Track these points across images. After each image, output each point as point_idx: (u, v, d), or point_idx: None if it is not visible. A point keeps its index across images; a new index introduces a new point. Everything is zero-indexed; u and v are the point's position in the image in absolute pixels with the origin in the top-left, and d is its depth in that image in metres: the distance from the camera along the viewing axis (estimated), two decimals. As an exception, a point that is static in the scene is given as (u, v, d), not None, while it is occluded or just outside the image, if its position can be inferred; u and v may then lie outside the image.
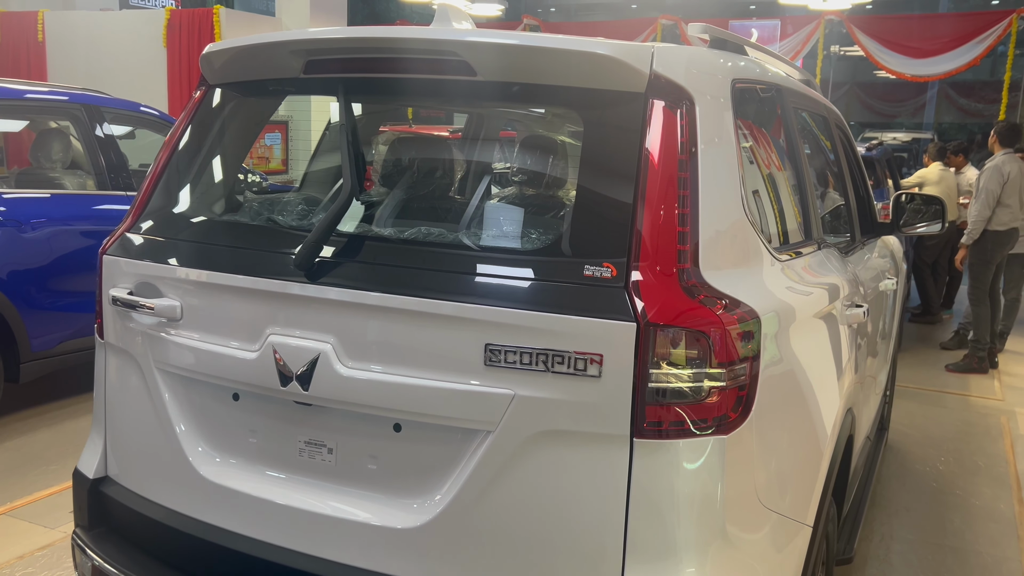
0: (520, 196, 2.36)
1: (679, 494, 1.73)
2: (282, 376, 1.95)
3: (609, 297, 1.71)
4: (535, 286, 1.78)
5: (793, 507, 2.03)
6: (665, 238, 1.76)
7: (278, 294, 1.97)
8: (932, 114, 24.66)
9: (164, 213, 2.34)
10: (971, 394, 6.49)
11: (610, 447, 1.72)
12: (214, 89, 2.40)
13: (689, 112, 1.86)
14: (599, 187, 1.85)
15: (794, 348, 2.06)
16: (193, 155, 2.38)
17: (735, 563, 1.81)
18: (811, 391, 2.18)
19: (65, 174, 5.45)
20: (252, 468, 2.09)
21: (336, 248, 1.96)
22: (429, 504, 1.86)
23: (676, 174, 1.80)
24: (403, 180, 2.50)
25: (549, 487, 1.76)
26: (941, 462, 4.99)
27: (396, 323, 1.85)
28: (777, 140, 2.67)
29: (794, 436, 2.09)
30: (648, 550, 1.73)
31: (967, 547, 3.91)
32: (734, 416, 1.76)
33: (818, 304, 2.32)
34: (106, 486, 2.35)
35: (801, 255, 2.42)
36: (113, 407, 2.35)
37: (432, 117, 12.81)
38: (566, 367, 1.72)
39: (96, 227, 5.12)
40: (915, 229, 4.10)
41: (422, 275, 1.87)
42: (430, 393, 1.82)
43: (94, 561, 2.23)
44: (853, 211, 3.50)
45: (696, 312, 1.72)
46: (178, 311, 2.12)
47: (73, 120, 5.48)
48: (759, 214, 2.15)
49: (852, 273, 2.91)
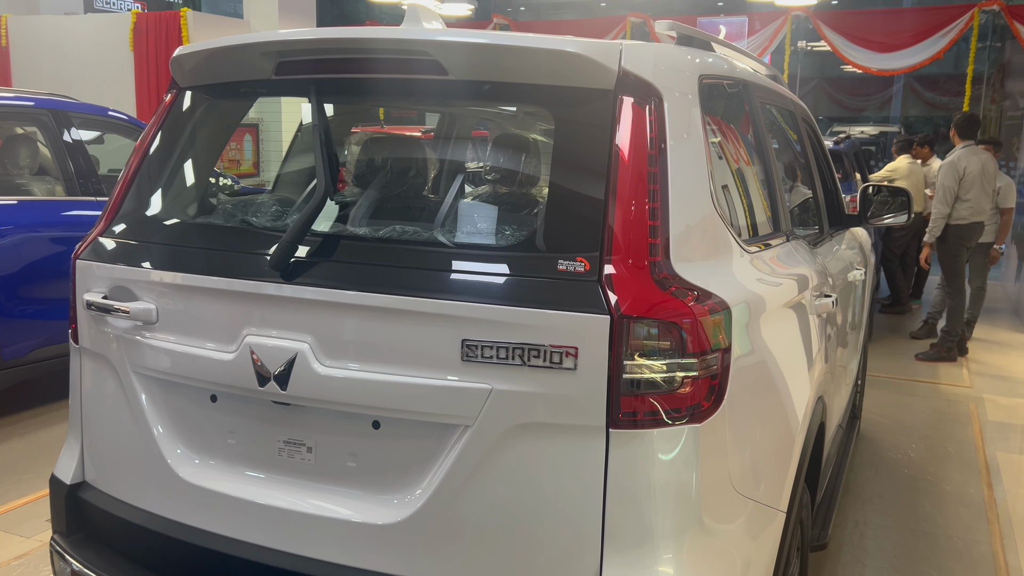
0: (494, 194, 2.38)
1: (655, 483, 1.76)
2: (260, 376, 1.96)
3: (583, 291, 1.74)
4: (510, 282, 1.81)
5: (767, 494, 2.07)
6: (636, 232, 1.79)
7: (254, 295, 1.97)
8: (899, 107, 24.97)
9: (137, 216, 2.33)
10: (941, 382, 6.61)
11: (586, 438, 1.75)
12: (185, 92, 2.40)
13: (658, 108, 1.89)
14: (571, 183, 1.88)
15: (764, 338, 2.10)
16: (165, 158, 2.38)
17: (711, 550, 1.84)
18: (782, 379, 2.22)
19: (33, 180, 5.39)
20: (231, 469, 2.10)
21: (311, 248, 1.98)
22: (409, 499, 1.88)
23: (646, 169, 1.83)
24: (377, 180, 2.52)
25: (528, 479, 1.79)
26: (912, 449, 5.08)
27: (373, 321, 1.87)
28: (745, 135, 2.71)
29: (766, 424, 2.13)
30: (626, 539, 1.76)
31: (938, 531, 3.99)
32: (707, 405, 1.79)
33: (787, 294, 2.37)
34: (84, 491, 2.35)
35: (770, 247, 2.46)
36: (89, 412, 2.34)
37: (404, 117, 12.79)
38: (542, 360, 1.74)
39: (66, 233, 5.08)
40: (882, 220, 4.17)
41: (398, 273, 1.89)
42: (408, 389, 1.84)
43: (73, 567, 2.23)
44: (821, 204, 3.56)
45: (668, 304, 1.75)
46: (153, 314, 2.12)
47: (40, 126, 5.42)
48: (728, 207, 2.19)
49: (821, 264, 2.97)
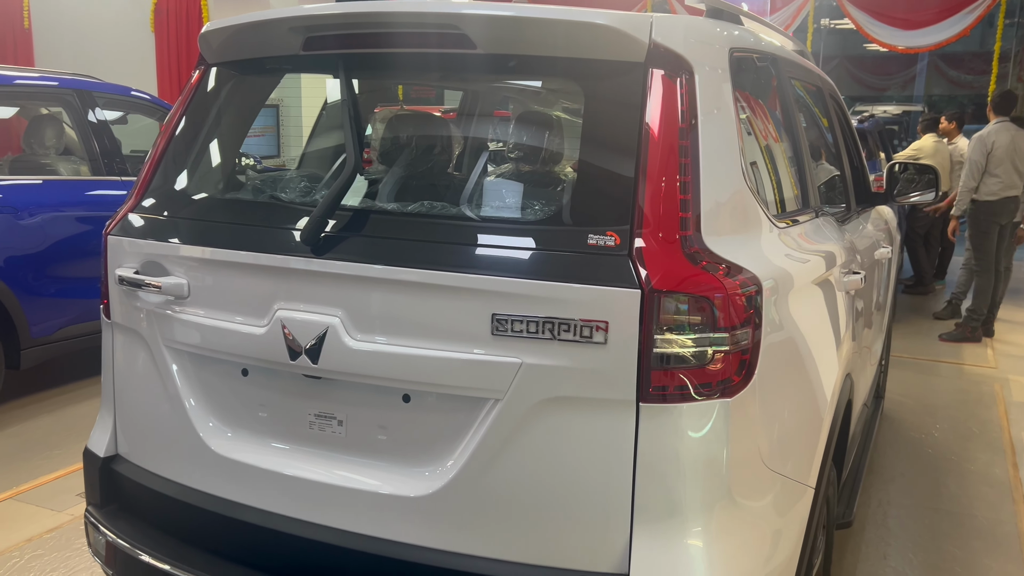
0: (523, 168, 2.37)
1: (685, 457, 1.76)
2: (291, 350, 1.97)
3: (613, 265, 1.74)
4: (540, 256, 1.81)
5: (796, 469, 2.07)
6: (667, 206, 1.78)
7: (285, 269, 1.99)
8: (922, 86, 24.62)
9: (167, 192, 2.35)
10: (965, 363, 6.56)
11: (616, 412, 1.76)
12: (212, 68, 2.41)
13: (689, 81, 1.88)
14: (601, 157, 1.87)
15: (794, 313, 2.09)
16: (194, 134, 2.39)
17: (740, 524, 1.85)
18: (811, 355, 2.21)
19: (59, 160, 5.44)
20: (263, 442, 2.12)
21: (342, 223, 1.98)
22: (440, 471, 1.90)
23: (677, 142, 1.82)
24: (403, 156, 2.52)
25: (557, 452, 1.80)
26: (936, 429, 5.05)
27: (403, 295, 1.88)
28: (773, 110, 2.69)
29: (795, 400, 2.13)
30: (655, 512, 1.77)
31: (963, 511, 3.97)
32: (737, 380, 1.79)
33: (817, 270, 2.35)
34: (117, 464, 2.38)
35: (799, 223, 2.45)
36: (122, 386, 2.37)
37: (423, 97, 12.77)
38: (572, 335, 1.75)
39: (92, 213, 5.12)
40: (909, 198, 4.14)
41: (428, 247, 1.89)
42: (438, 363, 1.85)
43: (108, 538, 2.26)
44: (848, 181, 3.53)
45: (699, 278, 1.75)
46: (185, 289, 2.14)
47: (65, 106, 5.46)
48: (758, 183, 2.17)
49: (849, 241, 2.95)
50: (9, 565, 3.29)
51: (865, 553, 3.53)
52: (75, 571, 3.25)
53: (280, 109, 11.43)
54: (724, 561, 1.80)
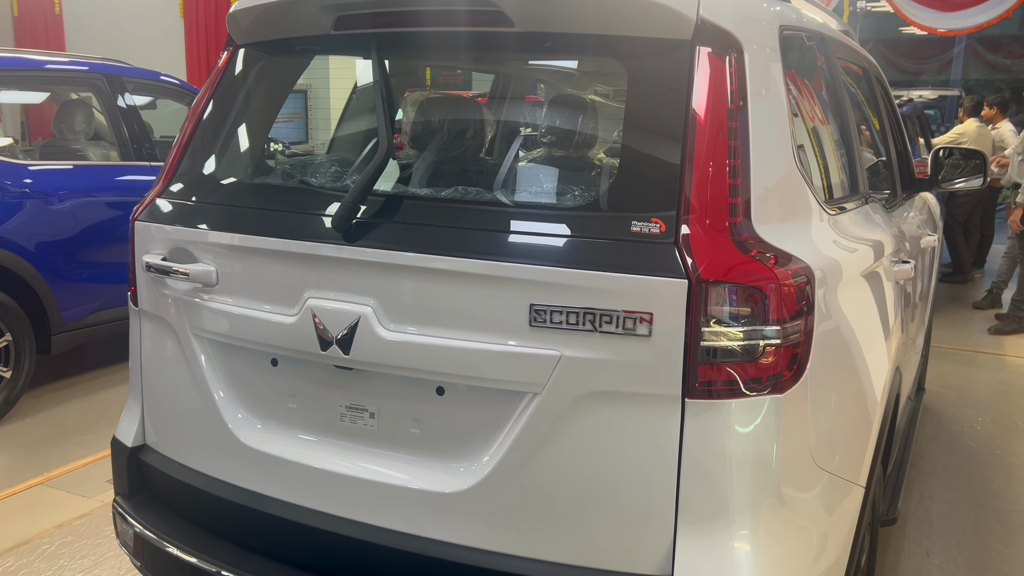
0: (562, 152, 2.29)
1: (733, 455, 1.68)
2: (322, 340, 1.91)
3: (658, 253, 1.66)
4: (580, 244, 1.73)
5: (846, 467, 1.98)
6: (716, 191, 1.69)
7: (316, 256, 1.92)
8: (959, 71, 24.09)
9: (195, 177, 2.29)
10: (1007, 353, 6.39)
11: (660, 408, 1.68)
12: (241, 49, 2.34)
13: (738, 60, 1.78)
14: (645, 140, 1.78)
15: (846, 304, 2.00)
16: (222, 118, 2.33)
17: (789, 524, 1.77)
18: (863, 348, 2.11)
19: (89, 145, 5.43)
20: (292, 434, 2.06)
21: (374, 209, 1.91)
22: (476, 467, 1.83)
23: (725, 124, 1.73)
24: (436, 141, 2.44)
25: (598, 448, 1.72)
26: (979, 422, 4.92)
27: (438, 284, 1.80)
28: (820, 92, 2.58)
29: (847, 394, 2.04)
30: (701, 513, 1.69)
31: (1008, 507, 3.85)
32: (788, 375, 1.70)
33: (868, 259, 2.25)
34: (145, 454, 2.34)
35: (849, 209, 2.34)
36: (150, 375, 2.33)
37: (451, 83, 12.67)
38: (614, 326, 1.67)
39: (121, 198, 5.11)
40: (954, 184, 4.00)
41: (464, 235, 1.82)
42: (474, 355, 1.78)
43: (135, 528, 2.23)
44: (894, 166, 3.41)
45: (750, 267, 1.66)
46: (213, 276, 2.09)
47: (95, 90, 5.44)
48: (807, 167, 2.07)
49: (897, 228, 2.83)
50: (39, 552, 3.29)
51: (908, 550, 3.42)
52: (104, 558, 3.23)
53: (308, 94, 11.40)
54: (771, 564, 1.71)
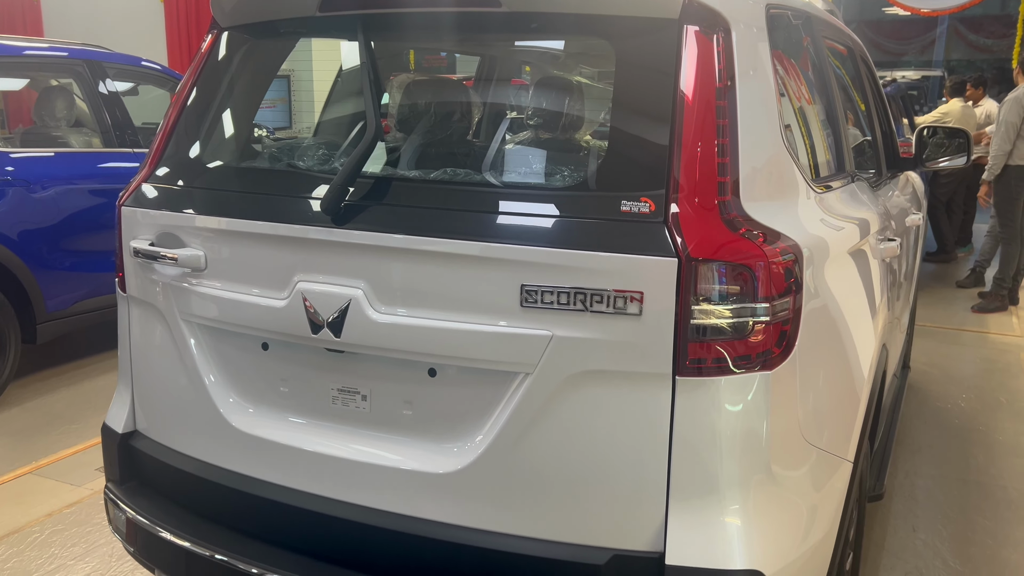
0: (551, 132, 2.29)
1: (723, 432, 1.69)
2: (312, 324, 1.91)
3: (648, 232, 1.66)
4: (571, 224, 1.73)
5: (835, 443, 2.00)
6: (704, 170, 1.70)
7: (305, 240, 1.92)
8: (941, 51, 24.15)
9: (182, 161, 2.28)
10: (990, 331, 6.46)
11: (651, 386, 1.69)
12: (225, 32, 2.32)
13: (725, 39, 1.78)
14: (633, 120, 1.79)
15: (833, 281, 2.01)
16: (207, 101, 2.32)
17: (779, 500, 1.79)
18: (851, 325, 2.13)
19: (70, 132, 5.38)
20: (284, 417, 2.07)
21: (363, 191, 1.91)
22: (469, 447, 1.84)
23: (714, 103, 1.73)
24: (423, 123, 2.44)
25: (590, 427, 1.73)
26: (962, 399, 4.97)
27: (428, 266, 1.81)
28: (806, 71, 2.59)
29: (835, 371, 2.06)
30: (692, 489, 1.71)
31: (992, 482, 3.91)
32: (778, 352, 1.72)
33: (855, 237, 2.27)
34: (136, 440, 2.34)
35: (836, 188, 2.36)
36: (139, 361, 2.32)
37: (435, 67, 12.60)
38: (605, 306, 1.67)
39: (104, 185, 5.07)
40: (938, 164, 4.03)
41: (454, 216, 1.82)
42: (465, 336, 1.78)
43: (128, 514, 2.23)
44: (879, 146, 3.42)
45: (739, 246, 1.67)
46: (202, 261, 2.08)
47: (75, 76, 5.38)
48: (794, 146, 2.08)
49: (883, 207, 2.85)
50: (30, 540, 3.28)
51: (894, 526, 3.47)
52: (96, 546, 3.23)
53: (291, 80, 11.32)
54: (763, 539, 1.73)
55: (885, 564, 3.18)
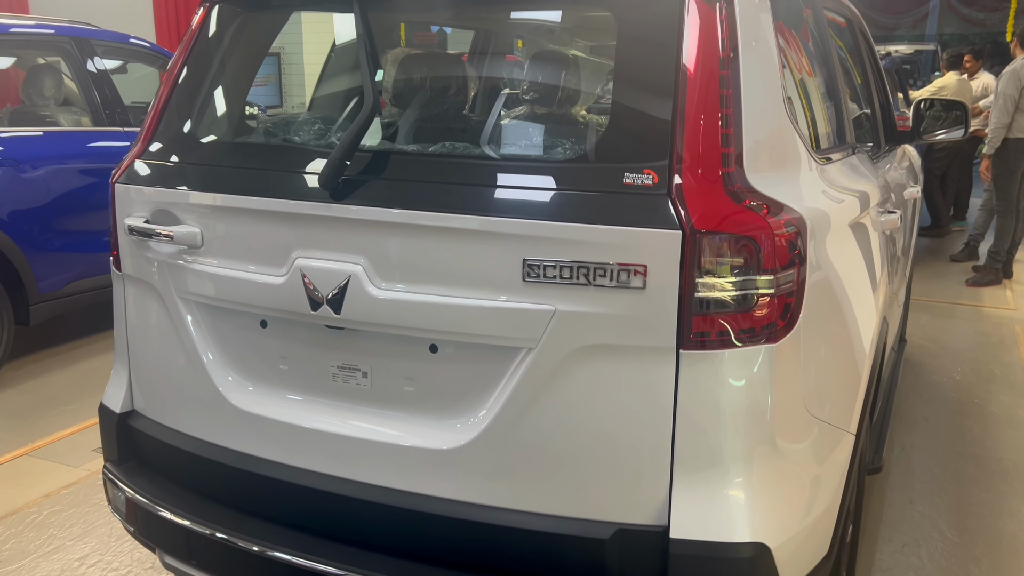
0: (551, 104, 2.26)
1: (728, 405, 1.69)
2: (312, 300, 1.89)
3: (652, 205, 1.64)
4: (573, 197, 1.71)
5: (838, 415, 2.00)
6: (708, 141, 1.68)
7: (303, 215, 1.89)
8: (934, 25, 24.05)
9: (176, 137, 2.24)
10: (984, 304, 6.47)
11: (655, 360, 1.68)
12: (217, 6, 2.28)
13: (728, 8, 1.75)
14: (636, 91, 1.76)
15: (836, 253, 2.00)
16: (201, 76, 2.28)
17: (783, 473, 1.78)
18: (853, 297, 2.12)
19: (59, 111, 5.31)
20: (284, 395, 2.05)
21: (361, 165, 1.88)
22: (472, 423, 1.82)
23: (717, 73, 1.71)
24: (420, 97, 2.40)
25: (594, 402, 1.72)
26: (957, 372, 4.99)
27: (429, 241, 1.78)
28: (807, 42, 2.56)
29: (838, 344, 2.05)
30: (696, 462, 1.70)
31: (987, 454, 3.92)
32: (782, 324, 1.71)
33: (856, 209, 2.26)
34: (134, 420, 2.32)
35: (837, 159, 2.34)
36: (136, 340, 2.30)
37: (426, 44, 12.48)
38: (608, 280, 1.66)
39: (95, 165, 5.01)
40: (935, 136, 4.01)
41: (455, 190, 1.79)
42: (467, 312, 1.77)
43: (127, 494, 2.21)
44: (878, 118, 3.40)
45: (743, 217, 1.65)
46: (198, 237, 2.05)
47: (63, 55, 5.31)
48: (797, 117, 2.06)
49: (884, 179, 2.84)
50: (28, 522, 3.27)
51: (891, 498, 3.48)
52: (94, 526, 3.22)
53: (282, 57, 11.22)
54: (767, 511, 1.73)
55: (883, 536, 3.19)
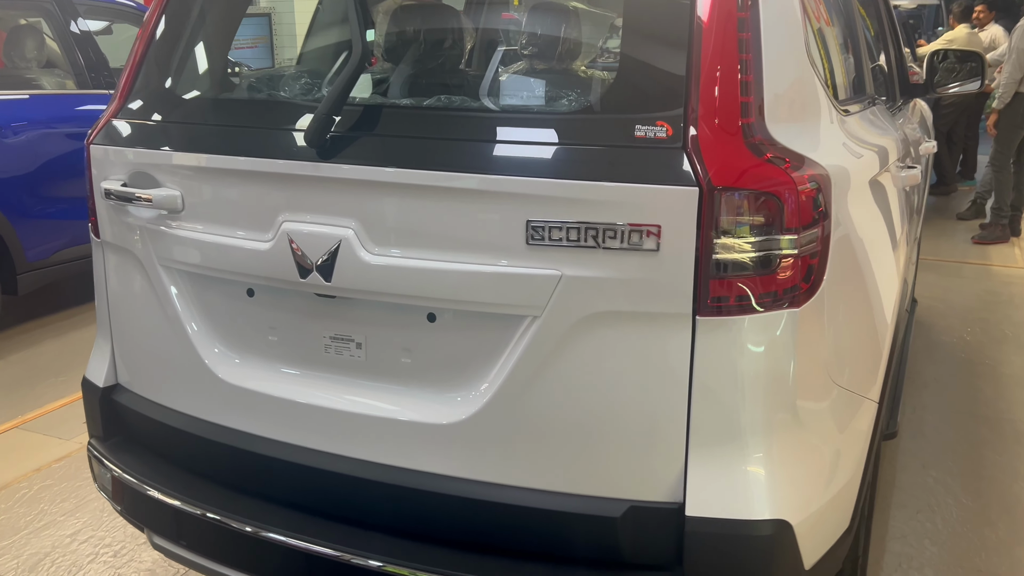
0: (555, 55, 2.12)
1: (747, 374, 1.57)
2: (300, 267, 1.77)
3: (665, 160, 1.52)
4: (580, 152, 1.58)
5: (860, 382, 1.89)
6: (727, 89, 1.54)
7: (289, 176, 1.76)
8: (938, -21, 23.67)
9: (154, 94, 2.10)
10: (992, 263, 6.36)
11: (670, 327, 1.56)
12: (196, -47, 2.13)
13: (746, -57, 1.61)
14: (647, 34, 1.62)
15: (860, 211, 1.88)
16: (180, 28, 2.13)
17: (804, 444, 1.68)
18: (876, 258, 2.01)
19: (42, 74, 5.14)
20: (274, 368, 1.94)
21: (351, 121, 1.75)
22: (474, 396, 1.71)
23: (735, 15, 1.57)
24: (414, 49, 2.26)
25: (604, 372, 1.61)
26: (968, 332, 4.89)
27: (425, 202, 1.66)
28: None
29: (861, 307, 1.93)
30: (713, 435, 1.59)
31: (1000, 416, 3.84)
32: (805, 287, 1.59)
33: (879, 163, 2.13)
34: (118, 394, 2.21)
35: (853, 112, 2.21)
36: (118, 311, 2.18)
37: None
38: (619, 242, 1.54)
39: (81, 129, 4.84)
40: (949, 89, 3.87)
41: (451, 146, 1.67)
42: (467, 278, 1.65)
43: (113, 472, 2.11)
44: (894, 70, 3.26)
45: (764, 171, 1.52)
46: (179, 201, 1.93)
47: (44, 15, 5.13)
48: (819, 65, 1.93)
49: (903, 132, 2.71)
50: (18, 496, 3.18)
51: (904, 463, 3.40)
52: (86, 500, 3.14)
53: (272, 18, 10.97)
54: (788, 486, 1.63)
55: (897, 501, 3.11)
